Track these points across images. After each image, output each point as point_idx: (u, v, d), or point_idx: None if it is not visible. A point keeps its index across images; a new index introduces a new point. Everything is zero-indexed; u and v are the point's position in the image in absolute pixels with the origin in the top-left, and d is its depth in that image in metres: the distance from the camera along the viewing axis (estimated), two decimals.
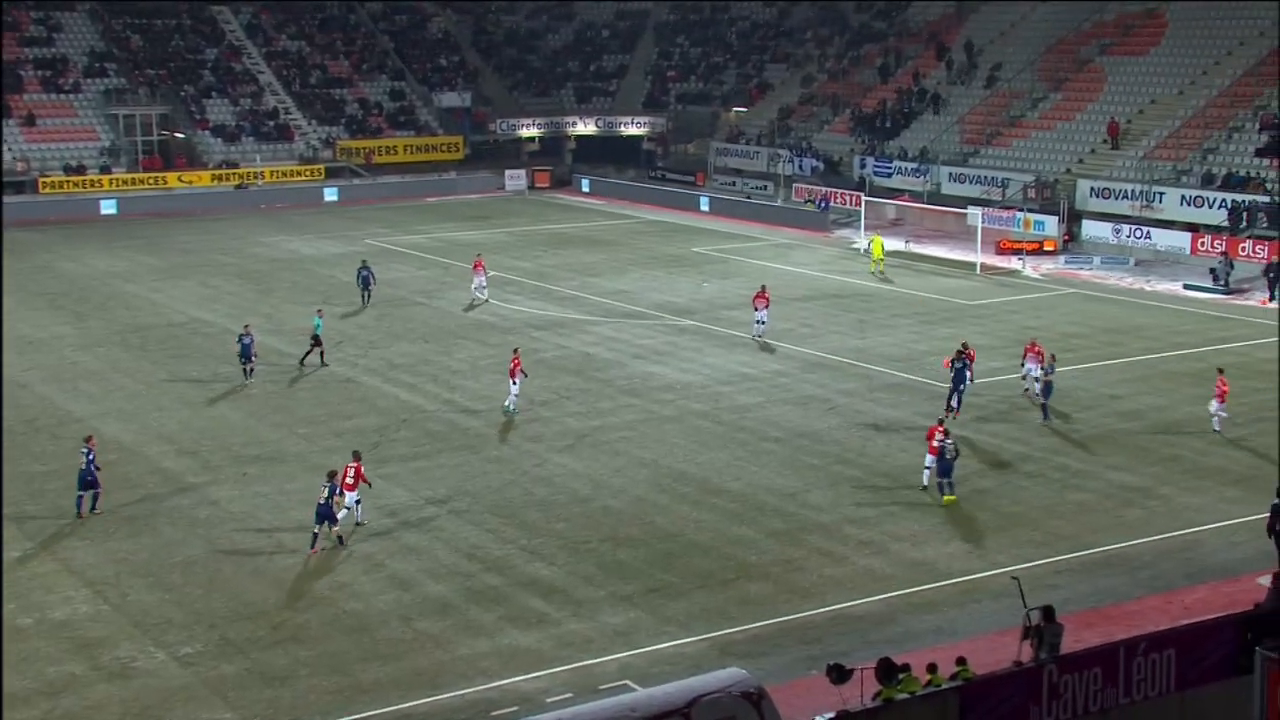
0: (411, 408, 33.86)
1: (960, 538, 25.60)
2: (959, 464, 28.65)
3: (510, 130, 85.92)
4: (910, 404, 33.84)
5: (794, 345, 40.35)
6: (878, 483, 28.54)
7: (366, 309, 45.23)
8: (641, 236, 62.57)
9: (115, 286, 49.96)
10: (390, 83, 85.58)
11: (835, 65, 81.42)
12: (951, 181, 65.14)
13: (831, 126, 76.39)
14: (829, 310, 45.68)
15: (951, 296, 48.06)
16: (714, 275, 52.23)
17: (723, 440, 31.32)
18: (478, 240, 60.23)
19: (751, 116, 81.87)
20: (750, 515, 26.77)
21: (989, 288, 50.08)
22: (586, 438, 31.61)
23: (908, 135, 71.08)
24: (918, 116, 72.26)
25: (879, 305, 46.57)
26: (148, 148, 76.64)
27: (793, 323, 43.60)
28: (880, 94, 75.55)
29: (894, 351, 39.40)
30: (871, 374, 36.90)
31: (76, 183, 70.48)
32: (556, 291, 48.79)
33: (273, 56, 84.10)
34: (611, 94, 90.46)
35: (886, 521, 26.47)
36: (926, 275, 52.48)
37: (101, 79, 77.55)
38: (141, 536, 25.74)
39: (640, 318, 44.45)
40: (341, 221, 66.83)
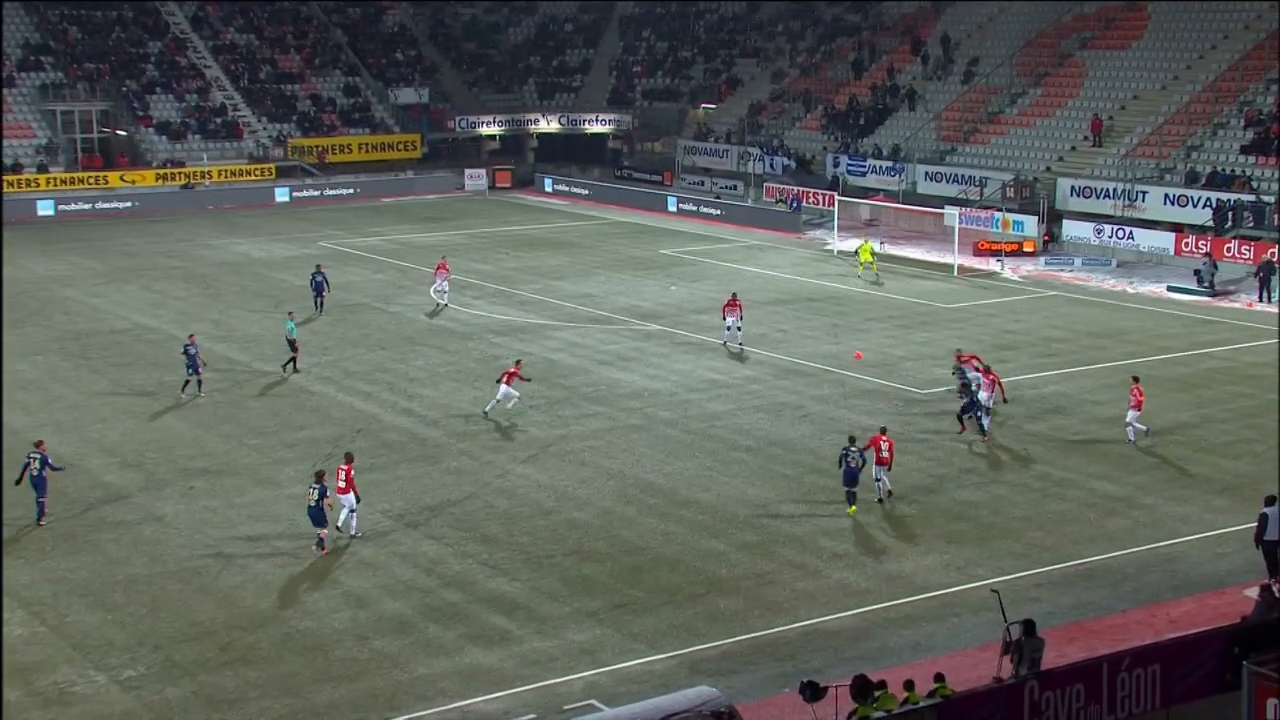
0: (367, 417, 33.71)
1: (938, 550, 25.69)
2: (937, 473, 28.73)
3: (470, 128, 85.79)
4: (886, 411, 33.95)
5: (766, 350, 40.42)
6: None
7: (320, 315, 45.01)
8: (607, 238, 62.58)
9: (54, 291, 49.50)
10: (344, 78, 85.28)
11: (807, 60, 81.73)
12: (927, 180, 65.42)
13: (803, 124, 76.64)
14: (801, 314, 45.80)
15: (928, 300, 48.28)
16: (682, 278, 52.28)
17: (692, 449, 31.33)
18: (436, 242, 60.10)
19: (720, 113, 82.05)
20: (720, 527, 26.78)
21: (967, 290, 50.34)
22: (550, 447, 31.55)
23: (882, 132, 71.38)
24: (892, 113, 72.58)
25: (853, 309, 46.73)
26: (87, 146, 76.05)
27: (764, 327, 43.68)
28: (854, 90, 75.86)
29: (871, 357, 39.53)
30: (846, 380, 37.01)
31: (11, 182, 69.59)
32: (518, 295, 48.71)
33: (220, 50, 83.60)
34: (575, 90, 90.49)
35: (862, 533, 26.53)
36: (902, 278, 52.70)
37: (37, 73, 76.82)
38: (82, 554, 25.48)
39: (606, 322, 44.43)
40: (294, 223, 66.50)
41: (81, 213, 68.42)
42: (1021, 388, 35.64)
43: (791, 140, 75.19)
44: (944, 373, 37.33)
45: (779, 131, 76.62)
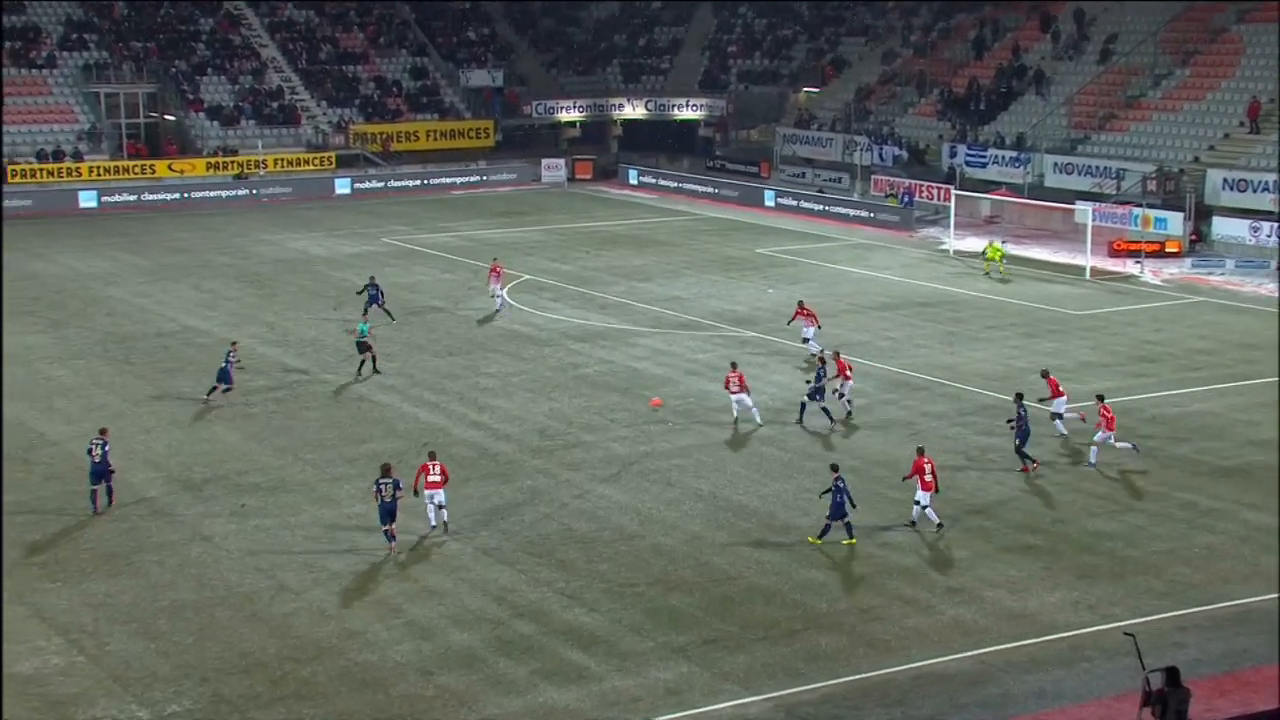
0: (434, 430, 34.01)
1: (1066, 585, 25.36)
2: (1064, 499, 28.34)
3: (548, 114, 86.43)
4: (1009, 430, 33.57)
5: (872, 360, 40.20)
6: (970, 521, 28.34)
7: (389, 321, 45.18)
8: (697, 236, 62.61)
9: (95, 290, 50.61)
10: (411, 59, 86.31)
11: (921, 39, 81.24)
12: (1057, 173, 64.79)
13: (917, 109, 76.15)
14: (912, 321, 45.49)
15: (1056, 305, 47.74)
16: (780, 280, 52.15)
17: (789, 470, 31.23)
18: (510, 239, 60.56)
19: (824, 98, 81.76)
20: (821, 557, 26.66)
21: (1100, 295, 49.69)
22: (634, 465, 31.62)
23: (1006, 119, 70.72)
24: (1018, 97, 71.89)
25: (971, 315, 46.31)
26: (133, 131, 77.67)
27: (870, 334, 43.43)
28: (974, 71, 75.28)
29: (988, 369, 39.15)
30: (962, 394, 36.68)
31: (51, 171, 71.25)
32: (600, 298, 48.90)
33: (277, 28, 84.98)
34: (664, 72, 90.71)
35: (980, 565, 26.28)
36: (1027, 281, 52.14)
37: (80, 52, 78.56)
38: (123, 577, 25.97)
39: (695, 328, 44.43)
40: (355, 217, 67.38)
41: (126, 204, 69.83)
42: (1163, 405, 35.10)
43: (903, 128, 74.75)
44: (1075, 388, 36.88)
45: (889, 118, 76.21)
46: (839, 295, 49.39)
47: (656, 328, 44.72)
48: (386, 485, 26.76)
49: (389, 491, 26.69)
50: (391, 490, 26.69)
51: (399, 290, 50.23)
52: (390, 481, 26.78)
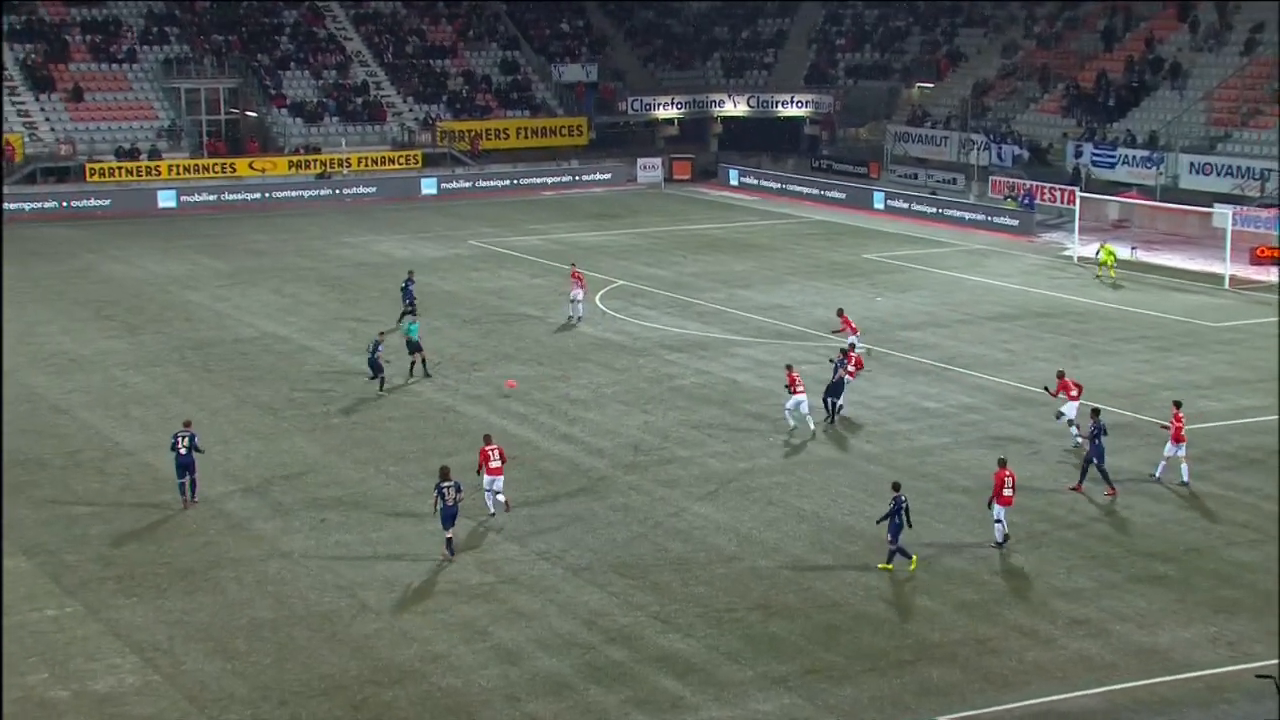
0: (521, 443, 34.21)
1: (1202, 620, 24.93)
2: (1200, 526, 27.85)
3: (644, 110, 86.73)
4: (1138, 450, 33.12)
5: (988, 374, 39.82)
6: (1094, 547, 27.97)
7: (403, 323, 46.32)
8: (802, 240, 62.43)
9: (173, 294, 51.55)
10: (501, 52, 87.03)
11: (1045, 29, 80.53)
12: (1193, 174, 64.05)
13: (1039, 106, 75.46)
14: (1033, 331, 45.02)
15: (1191, 317, 47.02)
16: (889, 288, 51.84)
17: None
18: (603, 242, 60.81)
19: (939, 94, 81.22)
20: (932, 582, 26.45)
21: (1240, 307, 48.85)
22: (732, 483, 31.59)
23: (1137, 116, 69.90)
24: (1151, 92, 71.03)
25: (1097, 326, 45.73)
26: (213, 128, 79.11)
27: (987, 346, 43.03)
28: (1102, 64, 74.51)
29: (1116, 384, 38.66)
30: (1087, 412, 36.16)
31: (129, 169, 72.65)
32: (698, 305, 48.93)
33: (362, 20, 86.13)
34: (767, 67, 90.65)
35: (1106, 595, 25.92)
36: (1159, 290, 51.36)
37: (160, 46, 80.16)
38: (200, 593, 26.40)
39: (799, 338, 44.30)
40: (442, 219, 68.02)
41: (205, 205, 71.06)
42: None
43: (1024, 125, 74.11)
44: (1212, 405, 36.31)
45: (1009, 115, 75.57)
46: (953, 304, 48.98)
47: (758, 337, 44.63)
48: (448, 488, 27.38)
49: (451, 495, 27.36)
50: (454, 493, 27.36)
51: (484, 295, 50.64)
52: (452, 484, 27.41)
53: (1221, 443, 33.75)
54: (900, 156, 77.39)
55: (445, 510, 27.39)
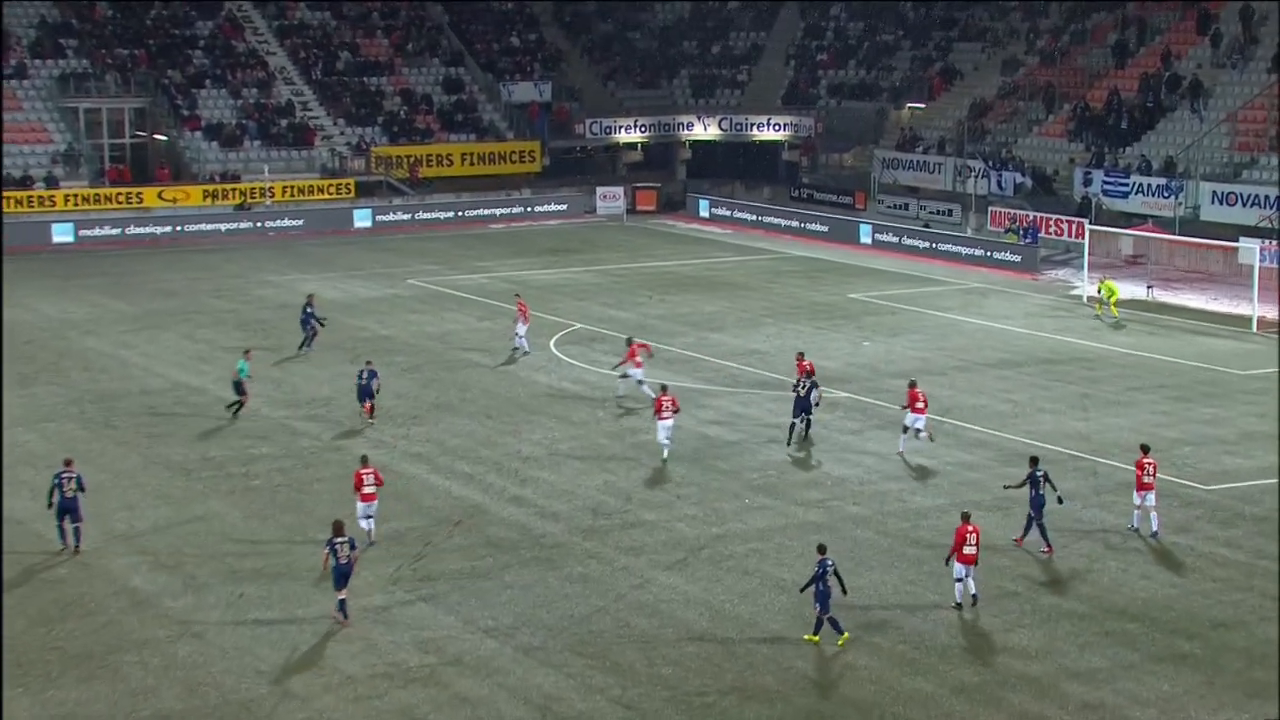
0: (468, 506, 34.14)
1: (1234, 704, 25.00)
2: (1230, 599, 27.90)
3: (604, 134, 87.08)
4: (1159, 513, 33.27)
5: (989, 428, 39.98)
6: (1110, 623, 28.05)
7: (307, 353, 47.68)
8: (780, 278, 62.68)
9: (71, 340, 51.28)
10: (444, 69, 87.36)
11: (1050, 44, 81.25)
12: (1215, 204, 64.51)
13: (1043, 128, 76.08)
14: (1038, 380, 45.26)
15: (1215, 364, 47.37)
16: (877, 331, 52.06)
17: (890, 557, 31.10)
18: (559, 282, 60.92)
19: (932, 115, 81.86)
20: (928, 661, 26.46)
21: (1269, 352, 49.23)
22: (703, 550, 31.56)
23: (1153, 140, 70.50)
24: (1168, 114, 71.69)
25: (1109, 374, 46.02)
26: (117, 153, 78.88)
27: (988, 397, 43.23)
28: (1114, 82, 75.18)
29: (1131, 438, 38.80)
30: (1100, 469, 36.39)
31: (20, 199, 72.06)
32: (665, 351, 49.00)
33: (287, 32, 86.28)
34: (741, 85, 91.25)
35: (1124, 677, 25.98)
36: (1178, 334, 51.76)
37: (55, 60, 79.79)
38: (97, 681, 26.10)
39: (778, 388, 44.40)
40: (377, 255, 68.01)
41: (108, 240, 70.88)
42: None
43: (1027, 150, 74.68)
44: (1239, 463, 36.56)
45: (1010, 139, 76.18)
46: (949, 349, 49.22)
47: (731, 387, 44.71)
48: (341, 545, 27.86)
49: (345, 552, 27.82)
50: (347, 551, 27.85)
51: (425, 340, 50.59)
52: (346, 541, 27.92)
53: (1251, 505, 33.95)
54: (889, 185, 77.86)
55: (337, 569, 27.79)
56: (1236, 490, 34.80)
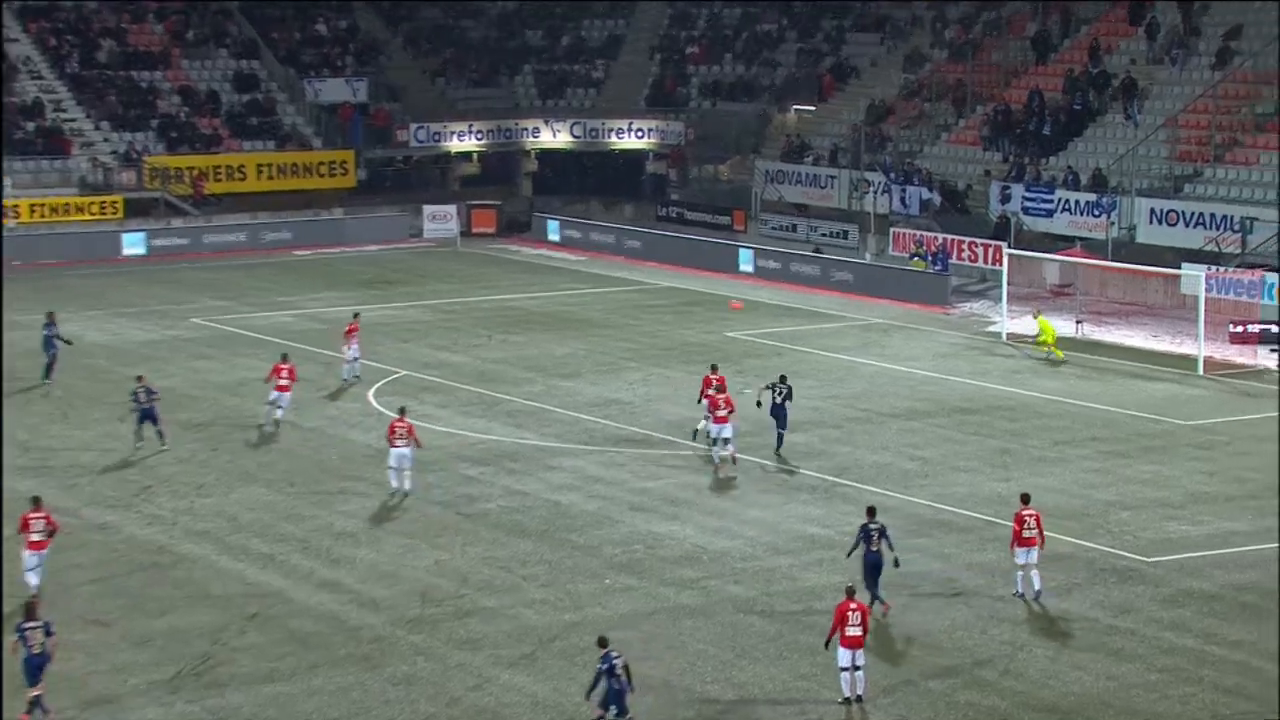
0: (266, 594, 33.73)
1: None
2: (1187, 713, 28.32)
3: (432, 142, 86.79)
4: (1092, 590, 33.70)
5: (892, 490, 40.29)
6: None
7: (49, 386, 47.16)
8: (645, 314, 62.86)
9: None
10: (234, 62, 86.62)
11: (960, 36, 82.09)
12: (1155, 223, 65.41)
13: (953, 135, 77.04)
14: (951, 432, 45.73)
15: (1157, 413, 48.08)
16: (761, 377, 52.19)
17: (779, 646, 31.19)
18: (378, 320, 60.43)
19: (823, 120, 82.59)
20: None
21: (1219, 399, 50.09)
22: (555, 642, 31.47)
23: (1080, 149, 71.61)
24: (1098, 118, 72.85)
25: (1034, 425, 46.59)
26: None
27: (891, 453, 43.57)
28: (1034, 81, 76.17)
29: (1060, 502, 39.31)
30: None
31: None
32: (507, 402, 48.88)
33: (34, 15, 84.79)
34: (596, 84, 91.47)
35: None
36: (1113, 377, 52.56)
37: None
38: None
39: (643, 444, 44.44)
40: (152, 288, 67.15)
41: None
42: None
43: (935, 161, 75.51)
44: (1185, 530, 37.13)
45: (915, 148, 77.03)
46: (845, 397, 49.57)
47: (587, 444, 44.68)
48: (33, 631, 27.30)
49: (39, 640, 27.28)
50: (41, 638, 27.30)
51: (214, 392, 50.09)
52: (40, 625, 27.39)
53: (1201, 580, 34.40)
54: (773, 202, 78.37)
55: (30, 660, 27.23)
56: (1183, 563, 35.22)
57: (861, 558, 32.53)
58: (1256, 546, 36.29)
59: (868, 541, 32.42)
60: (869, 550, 32.40)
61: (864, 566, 32.44)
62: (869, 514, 33.01)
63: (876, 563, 32.39)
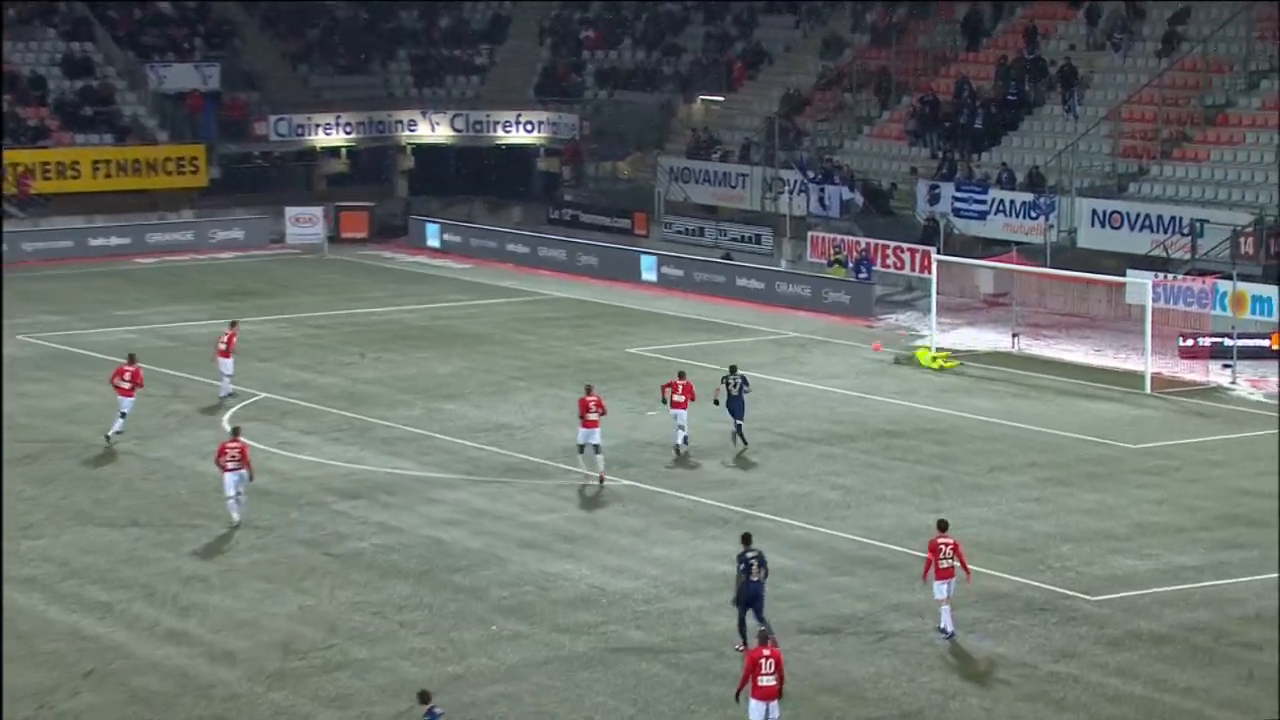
0: (103, 649, 33.39)
1: None
2: None
3: (295, 136, 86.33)
4: (1031, 632, 33.89)
5: (813, 524, 40.38)
6: None
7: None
8: (536, 328, 62.83)
9: None
10: (64, 44, 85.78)
11: (883, 18, 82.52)
12: (1097, 226, 65.96)
13: (876, 128, 77.53)
14: (875, 458, 45.92)
15: (1101, 435, 48.39)
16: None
17: (686, 699, 31.17)
18: (238, 336, 59.97)
19: (733, 111, 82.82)
20: None
21: (1169, 419, 50.53)
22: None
23: (1015, 144, 72.22)
24: (1034, 110, 73.42)
25: (967, 449, 46.86)
26: None
27: (810, 481, 43.70)
28: (964, 69, 76.72)
29: (995, 534, 39.52)
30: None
31: None
32: (381, 428, 48.74)
33: None
34: (480, 71, 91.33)
35: None
36: (1053, 396, 52.96)
37: None
38: None
39: (534, 474, 44.38)
40: None
41: None
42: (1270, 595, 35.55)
43: (857, 157, 75.90)
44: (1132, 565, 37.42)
45: (835, 142, 77.37)
46: (759, 419, 49.57)
47: (472, 474, 44.57)
48: None
49: None
50: None
51: (45, 420, 49.62)
52: None
53: (1149, 620, 34.58)
54: (678, 203, 78.49)
55: None
56: (1130, 601, 35.37)
57: (740, 589, 32.58)
58: (1209, 582, 36.56)
59: (747, 571, 32.50)
60: (749, 580, 32.49)
61: (742, 599, 32.50)
62: (744, 541, 33.09)
63: (758, 593, 32.55)
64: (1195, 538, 39.63)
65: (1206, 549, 38.78)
